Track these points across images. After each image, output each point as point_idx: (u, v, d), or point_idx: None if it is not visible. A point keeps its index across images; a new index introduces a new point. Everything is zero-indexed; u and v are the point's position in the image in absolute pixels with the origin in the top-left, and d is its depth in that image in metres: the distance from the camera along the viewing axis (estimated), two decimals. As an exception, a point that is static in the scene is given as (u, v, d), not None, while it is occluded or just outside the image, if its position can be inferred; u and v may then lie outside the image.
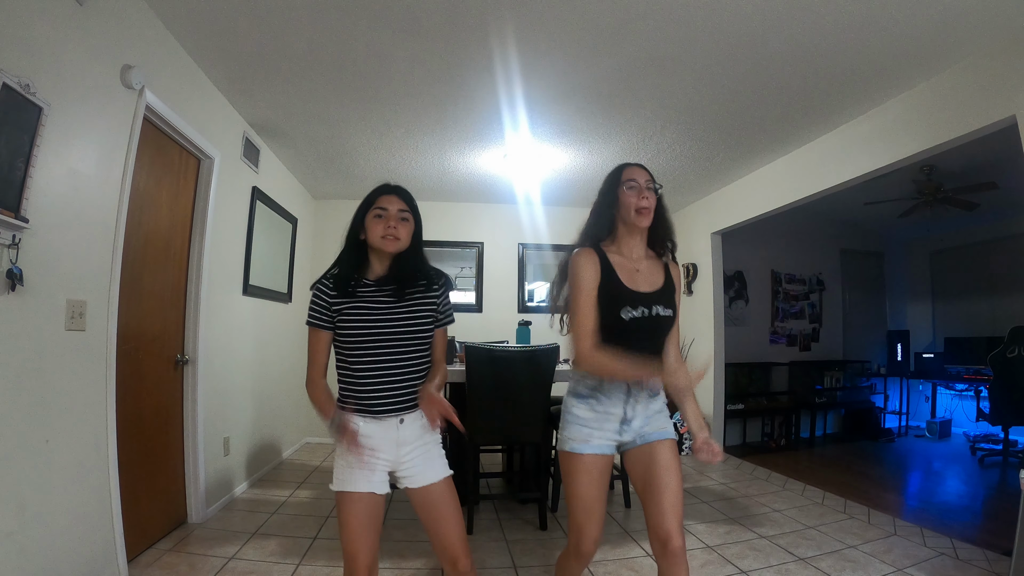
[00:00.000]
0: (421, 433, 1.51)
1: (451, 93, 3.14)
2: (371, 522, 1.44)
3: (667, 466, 1.52)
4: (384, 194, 1.54)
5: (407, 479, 1.50)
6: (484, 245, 5.70)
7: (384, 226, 1.49)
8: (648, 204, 1.57)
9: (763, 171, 4.39)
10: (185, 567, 2.37)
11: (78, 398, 1.98)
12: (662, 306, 1.57)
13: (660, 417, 1.59)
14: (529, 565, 2.52)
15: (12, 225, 1.62)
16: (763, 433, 5.67)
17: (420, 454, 1.50)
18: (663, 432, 1.57)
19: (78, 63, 1.92)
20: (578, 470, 1.57)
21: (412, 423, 1.50)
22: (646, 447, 1.56)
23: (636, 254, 1.62)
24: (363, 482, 1.43)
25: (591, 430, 1.56)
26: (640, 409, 1.57)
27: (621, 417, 1.55)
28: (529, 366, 2.89)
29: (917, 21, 2.36)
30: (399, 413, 1.48)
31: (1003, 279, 5.74)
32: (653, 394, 1.60)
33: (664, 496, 1.48)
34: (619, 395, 1.55)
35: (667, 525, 1.46)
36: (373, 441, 1.44)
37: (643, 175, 1.61)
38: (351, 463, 1.44)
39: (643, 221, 1.58)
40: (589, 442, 1.56)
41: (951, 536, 2.85)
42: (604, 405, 1.56)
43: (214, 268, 3.10)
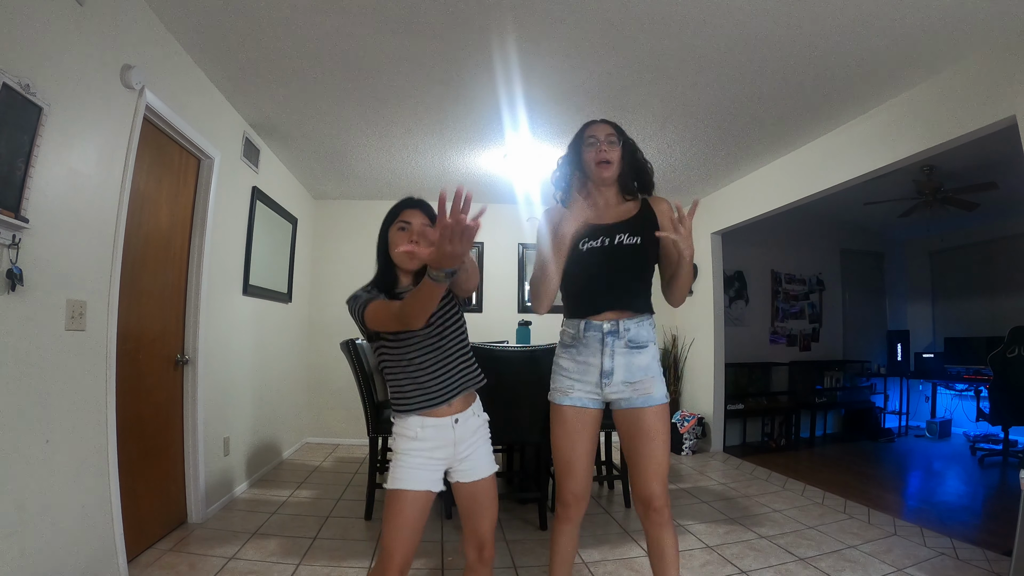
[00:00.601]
0: (475, 429, 1.54)
1: (451, 93, 3.14)
2: (420, 521, 1.46)
3: (651, 433, 1.53)
4: (408, 207, 1.54)
5: (459, 473, 1.53)
6: (484, 245, 5.70)
7: (406, 239, 1.49)
8: (608, 157, 1.59)
9: (763, 171, 4.39)
10: (185, 567, 2.37)
11: (78, 398, 1.98)
12: (626, 234, 1.55)
13: (647, 380, 1.56)
14: (529, 565, 2.52)
15: (12, 225, 1.62)
16: (763, 433, 5.67)
17: (474, 450, 1.53)
18: (649, 398, 1.55)
19: (78, 63, 1.92)
20: (555, 421, 1.61)
21: (465, 421, 1.52)
22: (632, 412, 1.56)
23: (609, 201, 1.65)
24: (419, 481, 1.44)
25: (573, 381, 1.58)
26: (621, 361, 1.54)
27: (600, 368, 1.55)
28: (529, 366, 2.88)
29: (917, 21, 2.36)
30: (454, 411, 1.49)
31: (1003, 279, 5.74)
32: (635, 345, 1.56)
33: (648, 463, 1.52)
34: (595, 344, 1.55)
35: (649, 489, 1.50)
36: (431, 442, 1.47)
37: (603, 129, 1.63)
38: (414, 463, 1.45)
39: (604, 173, 1.61)
40: (569, 394, 1.59)
41: (951, 536, 2.85)
42: (584, 355, 1.57)
43: (214, 268, 3.10)
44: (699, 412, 5.22)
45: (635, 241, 1.56)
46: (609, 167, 1.60)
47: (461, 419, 1.51)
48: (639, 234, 1.57)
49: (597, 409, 1.60)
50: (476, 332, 4.89)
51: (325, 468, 4.31)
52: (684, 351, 5.54)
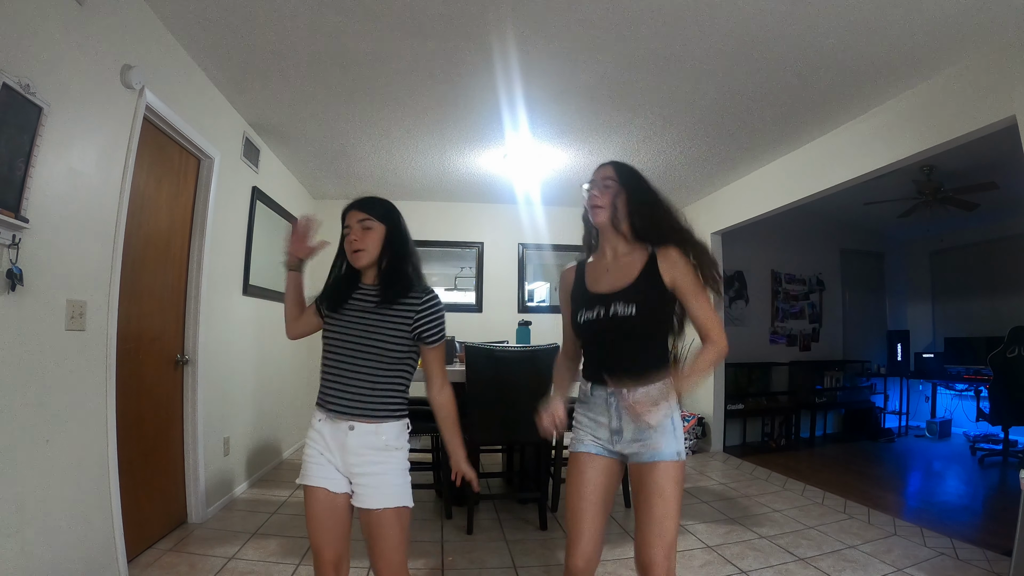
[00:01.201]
0: (377, 449, 1.44)
1: (451, 93, 3.14)
2: (331, 517, 1.45)
3: (655, 493, 1.40)
4: (347, 212, 1.56)
5: (356, 496, 1.45)
6: (484, 245, 5.70)
7: (348, 242, 1.52)
8: (598, 202, 1.52)
9: (763, 171, 4.39)
10: (185, 567, 2.37)
11: (78, 398, 1.98)
12: (621, 303, 1.45)
13: (656, 436, 1.43)
14: (529, 565, 2.52)
15: (12, 225, 1.62)
16: (763, 433, 5.67)
17: (367, 473, 1.44)
18: (656, 454, 1.42)
19: (78, 63, 1.92)
20: (570, 469, 1.55)
21: (363, 435, 1.44)
22: (640, 467, 1.45)
23: (618, 252, 1.55)
24: (316, 476, 1.46)
25: (586, 433, 1.54)
26: (628, 423, 1.45)
27: (608, 426, 1.49)
28: (529, 366, 2.88)
29: (917, 21, 2.35)
30: (349, 418, 1.45)
31: (1003, 279, 5.74)
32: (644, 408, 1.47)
33: (648, 525, 1.40)
34: (601, 404, 1.50)
35: (649, 556, 1.38)
36: (324, 437, 1.48)
37: (602, 172, 1.56)
38: (309, 456, 1.49)
39: (598, 218, 1.53)
40: (584, 442, 1.53)
41: (951, 536, 2.85)
42: (593, 411, 1.53)
43: (214, 268, 3.10)
44: (699, 412, 5.22)
45: (630, 312, 1.44)
46: (600, 212, 1.52)
47: (359, 429, 1.44)
48: (635, 301, 1.44)
49: (614, 459, 1.51)
50: (476, 332, 4.92)
51: (325, 468, 4.30)
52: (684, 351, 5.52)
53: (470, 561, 2.56)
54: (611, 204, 1.52)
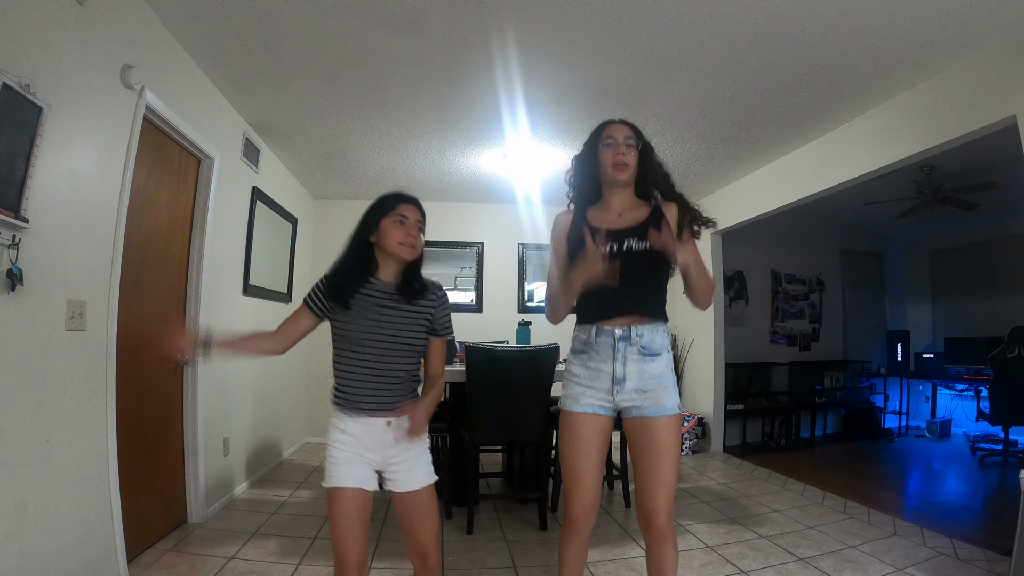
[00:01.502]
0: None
1: (451, 93, 3.14)
2: (361, 518, 1.46)
3: (661, 446, 1.47)
4: (405, 202, 1.57)
5: (393, 482, 1.52)
6: (484, 245, 5.70)
7: (404, 233, 1.52)
8: (625, 160, 1.55)
9: (763, 171, 4.39)
10: (185, 567, 2.37)
11: (78, 398, 1.98)
12: (635, 239, 1.51)
13: (660, 388, 1.50)
14: (529, 565, 2.52)
15: (12, 225, 1.62)
16: (763, 433, 5.67)
17: (408, 459, 1.52)
18: (661, 408, 1.49)
19: (78, 63, 1.91)
20: (564, 428, 1.56)
21: (399, 427, 1.51)
22: (643, 421, 1.50)
23: (623, 207, 1.61)
24: (351, 477, 1.46)
25: (583, 388, 1.54)
26: (633, 368, 1.50)
27: (611, 375, 1.50)
28: (529, 366, 2.88)
29: (917, 21, 2.36)
30: (386, 415, 1.49)
31: (1003, 279, 5.74)
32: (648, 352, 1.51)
33: (654, 477, 1.47)
34: (607, 350, 1.51)
35: (652, 502, 1.45)
36: (362, 440, 1.48)
37: (622, 131, 1.59)
38: (340, 459, 1.47)
39: (620, 176, 1.57)
40: (580, 400, 1.54)
41: (951, 536, 2.85)
42: (595, 361, 1.53)
43: (214, 268, 3.10)
44: (699, 412, 5.22)
45: (644, 246, 1.51)
46: (626, 170, 1.56)
47: (395, 424, 1.50)
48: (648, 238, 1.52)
49: (608, 417, 1.55)
50: (476, 332, 4.92)
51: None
52: (684, 351, 5.53)
53: (470, 561, 2.56)
54: (635, 164, 1.58)
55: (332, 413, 1.53)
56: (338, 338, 1.53)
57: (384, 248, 1.54)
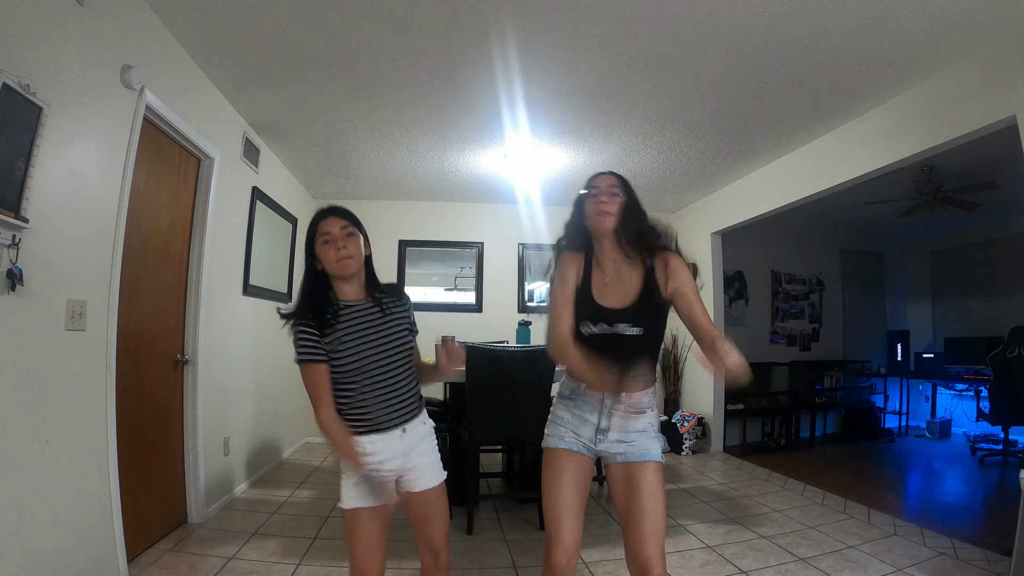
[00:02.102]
0: (423, 436, 1.55)
1: (451, 93, 3.14)
2: (383, 536, 1.47)
3: (649, 492, 1.44)
4: (322, 219, 1.51)
5: (409, 482, 1.53)
6: (484, 245, 5.70)
7: (334, 250, 1.46)
8: (607, 208, 1.51)
9: (763, 171, 4.39)
10: (185, 567, 2.37)
11: (78, 398, 1.98)
12: (628, 324, 1.48)
13: (644, 437, 1.49)
14: (529, 565, 2.52)
15: (12, 225, 1.62)
16: (763, 433, 5.67)
17: (423, 457, 1.54)
18: (646, 454, 1.47)
19: (78, 63, 1.92)
20: (547, 465, 1.53)
21: (413, 430, 1.52)
22: (628, 467, 1.47)
23: (611, 261, 1.56)
24: (375, 496, 1.44)
25: (566, 430, 1.53)
26: (617, 422, 1.48)
27: (596, 425, 1.50)
28: (529, 366, 2.88)
29: (917, 21, 2.36)
30: (401, 424, 1.50)
31: (1003, 279, 5.74)
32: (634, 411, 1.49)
33: (644, 523, 1.41)
34: (594, 403, 1.50)
35: (646, 554, 1.39)
36: (380, 456, 1.46)
37: (606, 180, 1.56)
38: (361, 481, 1.43)
39: (603, 223, 1.52)
40: (564, 439, 1.53)
41: (951, 536, 2.85)
42: (581, 409, 1.52)
43: (214, 268, 3.10)
44: (699, 412, 5.22)
45: (637, 333, 1.48)
46: (608, 217, 1.52)
47: (409, 428, 1.50)
48: (642, 324, 1.49)
49: (590, 459, 1.53)
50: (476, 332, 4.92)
51: (325, 468, 4.30)
52: (684, 351, 5.53)
53: (470, 561, 2.56)
54: (619, 212, 1.53)
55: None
56: (340, 370, 1.45)
57: (329, 272, 1.50)
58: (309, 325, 1.44)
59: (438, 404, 3.63)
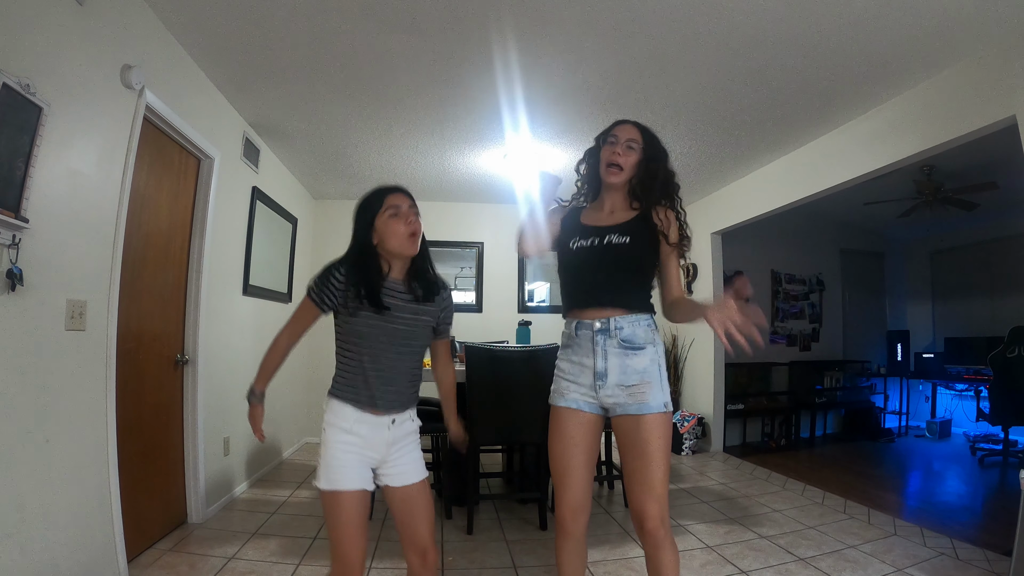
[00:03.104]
0: (408, 432, 1.55)
1: (451, 93, 3.14)
2: (364, 520, 1.46)
3: (644, 447, 1.40)
4: (391, 193, 1.51)
5: (389, 477, 1.51)
6: (484, 245, 5.70)
7: (405, 223, 1.47)
8: (619, 160, 1.52)
9: (763, 171, 4.39)
10: (185, 567, 2.37)
11: (78, 398, 1.98)
12: (616, 234, 1.48)
13: (643, 384, 1.43)
14: (529, 565, 2.52)
15: (12, 225, 1.62)
16: (763, 433, 5.67)
17: (405, 454, 1.53)
18: (644, 406, 1.41)
19: (78, 63, 1.92)
20: (552, 424, 1.53)
21: (402, 423, 1.52)
22: (627, 420, 1.43)
23: (613, 207, 1.58)
24: (356, 479, 1.43)
25: (568, 383, 1.51)
26: (615, 363, 1.44)
27: (593, 369, 1.46)
28: (529, 366, 2.88)
29: (917, 21, 2.36)
30: (393, 413, 1.49)
31: (1003, 279, 5.74)
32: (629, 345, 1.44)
33: (640, 479, 1.40)
34: (587, 344, 1.47)
35: (641, 504, 1.39)
36: (365, 440, 1.46)
37: (627, 132, 1.56)
38: (346, 461, 1.44)
39: (611, 177, 1.54)
40: (565, 395, 1.51)
41: (951, 536, 2.85)
42: (578, 355, 1.50)
43: (214, 268, 3.10)
44: (699, 412, 5.22)
45: (624, 240, 1.48)
46: (618, 173, 1.52)
47: (398, 420, 1.50)
48: (629, 234, 1.49)
49: (594, 414, 1.49)
50: (476, 332, 4.92)
51: (325, 468, 4.30)
52: (684, 351, 5.53)
53: (470, 561, 2.56)
54: (631, 168, 1.54)
55: (331, 412, 1.48)
56: (350, 335, 1.47)
57: (389, 247, 1.48)
58: (340, 276, 1.45)
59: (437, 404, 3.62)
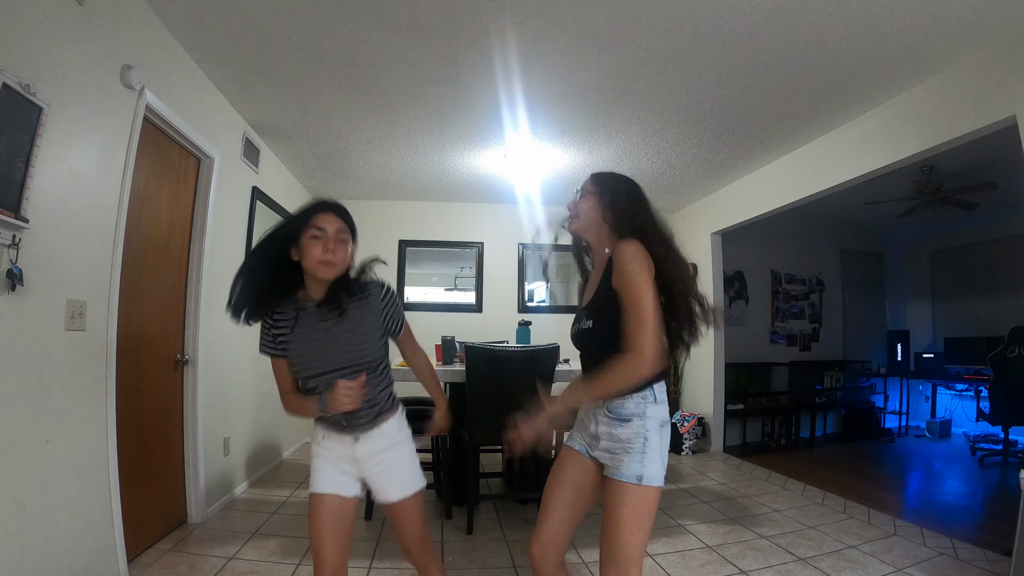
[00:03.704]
0: (383, 449, 1.48)
1: (451, 93, 3.14)
2: (339, 523, 1.45)
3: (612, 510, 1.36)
4: (320, 211, 1.39)
5: (375, 492, 1.52)
6: (484, 245, 5.70)
7: (321, 249, 1.36)
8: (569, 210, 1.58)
9: (763, 171, 4.39)
10: (185, 567, 2.37)
11: (78, 398, 1.98)
12: (584, 317, 1.51)
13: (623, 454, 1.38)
14: (529, 565, 2.52)
15: (12, 225, 1.62)
16: (763, 433, 5.67)
17: (385, 471, 1.49)
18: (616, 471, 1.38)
19: (78, 63, 1.92)
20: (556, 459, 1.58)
21: (368, 442, 1.47)
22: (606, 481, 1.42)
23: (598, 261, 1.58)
24: (328, 483, 1.46)
25: (578, 432, 1.56)
26: (605, 430, 1.43)
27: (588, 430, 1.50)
28: (529, 366, 2.88)
29: (917, 21, 2.36)
30: (355, 432, 1.47)
31: (1003, 279, 5.74)
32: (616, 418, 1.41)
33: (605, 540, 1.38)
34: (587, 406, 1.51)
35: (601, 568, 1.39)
36: (334, 452, 1.48)
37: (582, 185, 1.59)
38: (319, 467, 1.48)
39: (571, 226, 1.59)
40: (574, 437, 1.56)
41: (951, 536, 2.85)
42: (584, 412, 1.54)
43: (214, 268, 3.10)
44: (699, 412, 5.22)
45: (588, 325, 1.48)
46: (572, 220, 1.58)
47: (363, 438, 1.46)
48: (592, 316, 1.47)
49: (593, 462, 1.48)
50: (476, 332, 4.91)
51: (325, 468, 4.30)
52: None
53: (470, 561, 2.56)
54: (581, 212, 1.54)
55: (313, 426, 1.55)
56: (294, 369, 1.46)
57: (305, 267, 1.39)
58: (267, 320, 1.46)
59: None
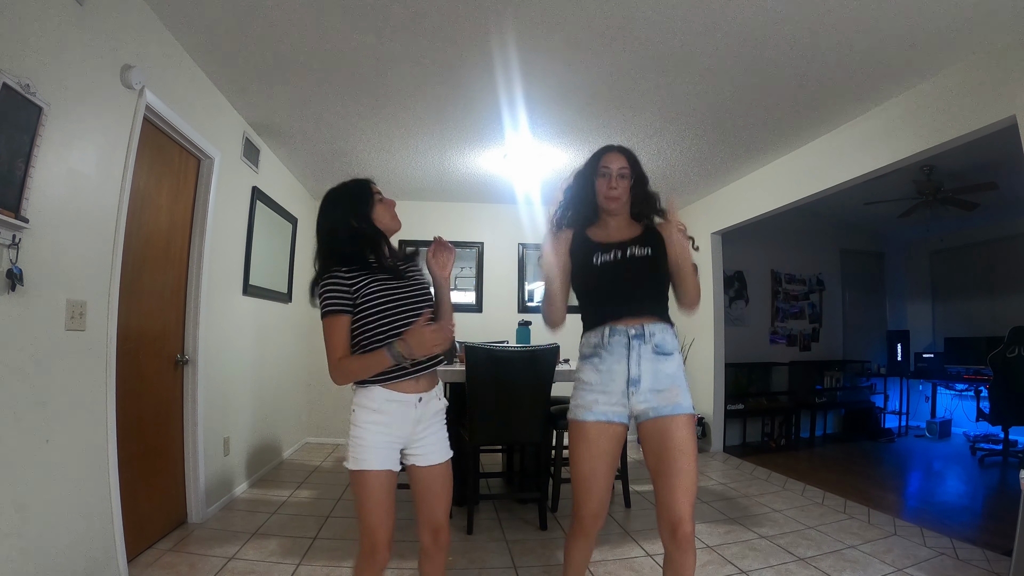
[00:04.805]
0: (436, 411, 1.57)
1: (451, 93, 3.14)
2: (390, 498, 1.48)
3: (681, 447, 1.43)
4: (371, 183, 1.67)
5: (415, 457, 1.54)
6: (484, 245, 5.71)
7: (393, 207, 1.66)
8: (615, 194, 1.61)
9: (763, 171, 4.39)
10: (185, 567, 2.37)
11: (78, 398, 1.98)
12: (637, 246, 1.58)
13: (675, 388, 1.49)
14: (529, 565, 2.52)
15: (12, 225, 1.62)
16: (763, 433, 5.67)
17: (432, 433, 1.55)
18: (677, 406, 1.46)
19: (78, 63, 1.92)
20: (578, 438, 1.55)
21: (428, 401, 1.55)
22: (659, 422, 1.47)
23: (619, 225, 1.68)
24: (385, 459, 1.46)
25: (596, 395, 1.52)
26: (648, 367, 1.48)
27: (626, 375, 1.49)
28: (529, 366, 2.88)
29: (917, 21, 2.36)
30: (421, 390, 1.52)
31: (1003, 279, 5.74)
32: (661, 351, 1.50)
33: (677, 479, 1.41)
34: (621, 349, 1.50)
35: (678, 510, 1.40)
36: (392, 420, 1.48)
37: (617, 161, 1.63)
38: (373, 442, 1.46)
39: (610, 206, 1.63)
40: (592, 409, 1.52)
41: (951, 536, 2.85)
42: (607, 362, 1.51)
43: (214, 268, 3.10)
44: (699, 412, 5.22)
45: (646, 252, 1.57)
46: (616, 202, 1.63)
47: (425, 398, 1.53)
48: (649, 245, 1.59)
49: (622, 424, 1.52)
50: (476, 332, 4.92)
51: (325, 468, 4.31)
52: (684, 351, 5.49)
53: (470, 561, 2.56)
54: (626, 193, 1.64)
55: (360, 395, 1.50)
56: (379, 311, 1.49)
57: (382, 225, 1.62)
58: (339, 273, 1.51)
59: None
